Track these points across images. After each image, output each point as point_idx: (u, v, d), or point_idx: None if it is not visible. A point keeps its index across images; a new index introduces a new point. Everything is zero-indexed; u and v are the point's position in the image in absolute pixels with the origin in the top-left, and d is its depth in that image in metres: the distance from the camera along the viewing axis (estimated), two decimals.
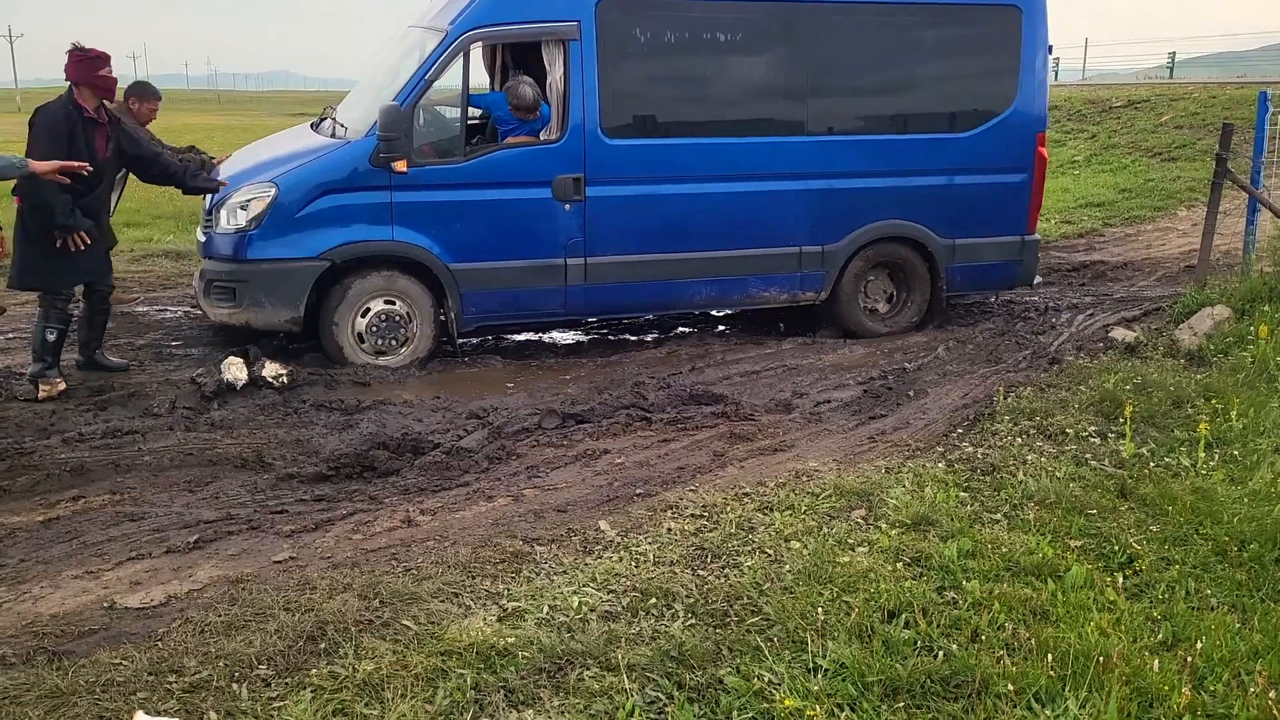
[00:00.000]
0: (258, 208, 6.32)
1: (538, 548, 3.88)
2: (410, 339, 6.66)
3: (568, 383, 6.40)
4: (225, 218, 6.43)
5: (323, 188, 6.36)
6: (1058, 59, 27.72)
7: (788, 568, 3.62)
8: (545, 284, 6.84)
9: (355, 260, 6.46)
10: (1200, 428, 4.84)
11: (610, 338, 7.82)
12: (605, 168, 6.77)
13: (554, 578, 3.61)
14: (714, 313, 8.30)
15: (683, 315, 8.23)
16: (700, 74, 7.06)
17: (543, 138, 6.79)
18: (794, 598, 3.39)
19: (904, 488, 4.38)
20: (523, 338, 7.72)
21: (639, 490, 4.53)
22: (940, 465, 4.71)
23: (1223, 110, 15.46)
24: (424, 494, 4.59)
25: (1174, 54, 28.02)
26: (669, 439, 5.29)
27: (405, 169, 6.36)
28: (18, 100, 51.20)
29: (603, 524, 4.11)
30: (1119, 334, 6.94)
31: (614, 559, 3.75)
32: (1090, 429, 5.12)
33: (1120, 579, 3.54)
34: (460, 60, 6.50)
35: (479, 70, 7.95)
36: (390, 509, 4.39)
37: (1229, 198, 8.91)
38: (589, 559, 3.77)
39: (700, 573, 3.63)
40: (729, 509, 4.21)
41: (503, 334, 7.64)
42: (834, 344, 7.38)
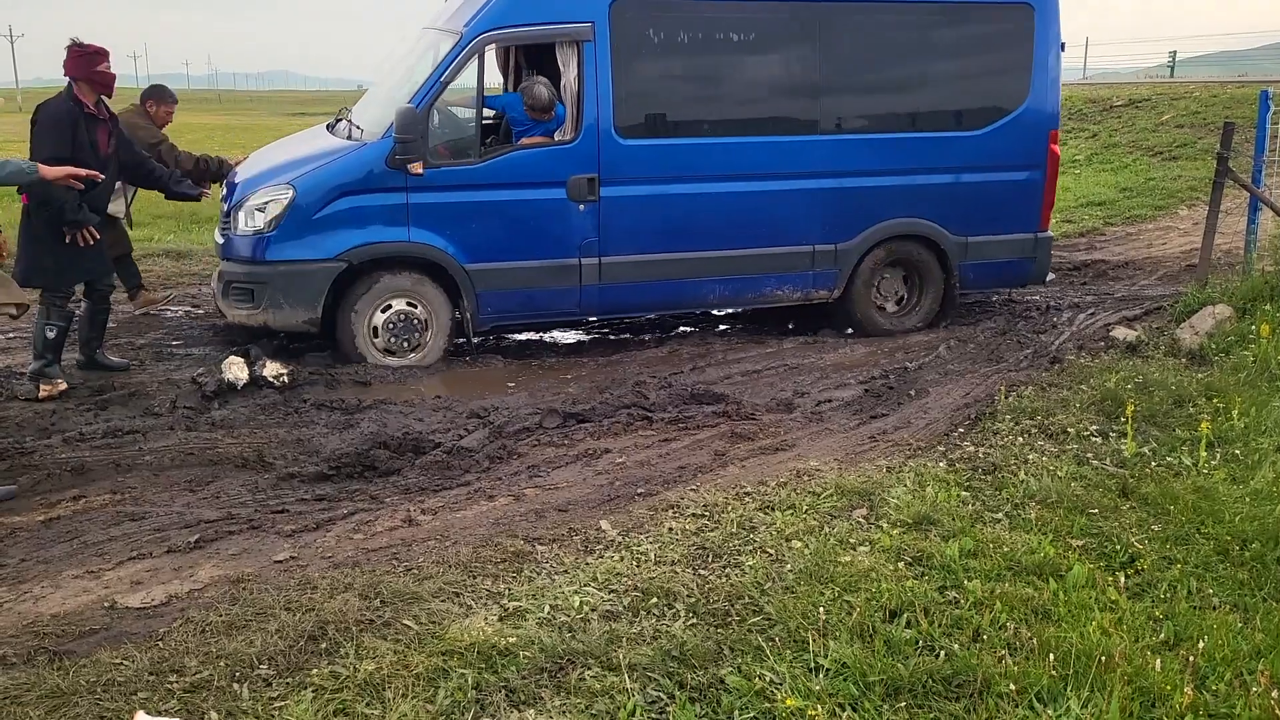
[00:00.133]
0: (275, 210, 6.34)
1: (539, 547, 3.88)
2: (421, 346, 6.68)
3: (569, 382, 6.40)
4: (243, 220, 6.45)
5: (340, 189, 6.37)
6: None
7: (789, 567, 3.62)
8: (560, 284, 6.86)
9: (370, 261, 6.47)
10: (1202, 427, 4.83)
11: (611, 337, 7.81)
12: (619, 168, 6.79)
13: (555, 577, 3.61)
14: (715, 312, 8.30)
15: (684, 314, 8.24)
16: (713, 74, 7.07)
17: (557, 138, 6.80)
18: (795, 597, 3.38)
19: (905, 487, 4.37)
20: (524, 337, 7.73)
21: (640, 489, 4.53)
22: (942, 464, 4.71)
23: (1224, 109, 15.46)
24: (425, 493, 4.59)
25: (1175, 53, 28.11)
26: (670, 438, 5.29)
27: (421, 170, 6.38)
28: (18, 100, 51.17)
29: (604, 523, 4.10)
30: (1120, 333, 6.93)
31: (615, 558, 3.75)
32: (1092, 428, 5.11)
33: (1122, 578, 3.54)
34: (475, 62, 6.52)
35: (494, 71, 7.96)
36: (391, 508, 4.39)
37: (1230, 197, 8.91)
38: (590, 558, 3.77)
39: (701, 572, 3.63)
40: (730, 508, 4.20)
41: (505, 333, 7.64)
42: (835, 343, 7.39)
